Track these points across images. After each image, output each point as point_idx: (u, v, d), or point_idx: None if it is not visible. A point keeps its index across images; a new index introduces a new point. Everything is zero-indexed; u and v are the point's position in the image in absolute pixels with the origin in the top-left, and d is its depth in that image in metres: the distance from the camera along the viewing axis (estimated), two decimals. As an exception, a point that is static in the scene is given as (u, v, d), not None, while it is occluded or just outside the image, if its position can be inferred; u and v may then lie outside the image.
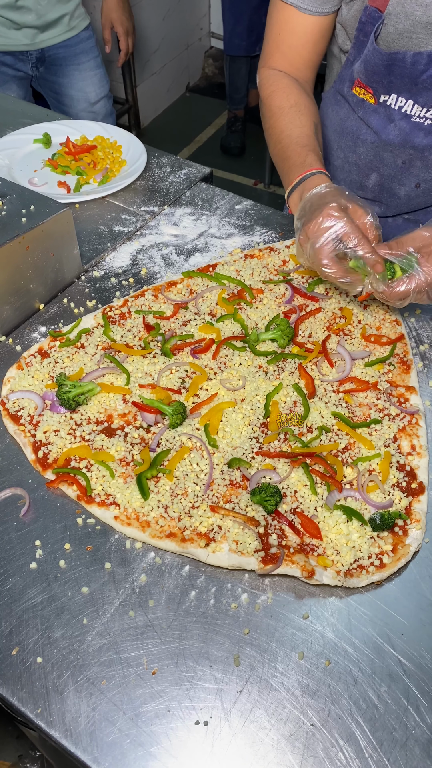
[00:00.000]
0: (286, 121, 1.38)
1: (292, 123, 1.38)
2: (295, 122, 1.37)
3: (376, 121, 1.42)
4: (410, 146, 1.40)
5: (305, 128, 1.36)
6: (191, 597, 0.95)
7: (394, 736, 0.83)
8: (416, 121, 1.36)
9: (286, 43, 1.43)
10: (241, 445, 1.10)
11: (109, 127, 1.81)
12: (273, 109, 1.42)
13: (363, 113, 1.43)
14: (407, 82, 1.30)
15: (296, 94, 1.42)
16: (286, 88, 1.43)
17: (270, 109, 1.43)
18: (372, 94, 1.37)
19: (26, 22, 2.26)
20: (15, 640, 0.90)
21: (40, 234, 1.27)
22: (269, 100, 1.44)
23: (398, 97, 1.34)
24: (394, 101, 1.35)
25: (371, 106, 1.40)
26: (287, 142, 1.36)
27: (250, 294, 1.35)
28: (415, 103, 1.33)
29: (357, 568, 0.96)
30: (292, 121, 1.38)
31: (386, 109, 1.38)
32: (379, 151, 1.46)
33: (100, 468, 1.07)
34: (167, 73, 4.66)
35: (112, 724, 0.84)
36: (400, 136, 1.40)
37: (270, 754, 0.82)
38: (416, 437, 1.12)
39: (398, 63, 1.28)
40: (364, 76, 1.36)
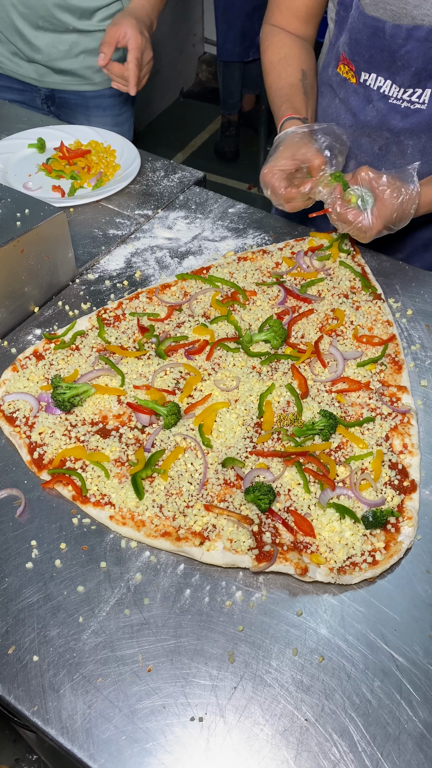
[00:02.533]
0: (275, 76, 1.51)
1: (279, 77, 1.50)
2: (282, 75, 1.49)
3: (356, 102, 1.47)
4: (387, 129, 1.45)
5: (289, 78, 1.48)
6: (186, 595, 0.96)
7: (387, 731, 0.84)
8: (393, 103, 1.41)
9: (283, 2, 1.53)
10: (235, 445, 1.12)
11: (103, 132, 1.82)
12: (265, 64, 1.55)
13: (344, 94, 1.49)
14: (387, 57, 1.35)
15: (287, 46, 1.52)
16: (278, 42, 1.53)
17: (264, 64, 1.56)
18: (354, 73, 1.43)
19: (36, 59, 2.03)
20: (11, 639, 0.91)
21: (34, 237, 1.28)
22: (263, 56, 1.56)
23: (377, 77, 1.39)
24: (373, 81, 1.40)
25: (352, 86, 1.46)
26: (274, 95, 1.50)
27: (243, 296, 1.37)
28: (393, 83, 1.38)
29: (350, 566, 0.97)
30: (279, 74, 1.50)
31: (365, 90, 1.43)
32: (357, 136, 1.51)
33: (95, 468, 1.08)
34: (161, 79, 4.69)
35: (108, 721, 0.85)
36: (377, 117, 1.44)
37: (265, 749, 0.83)
38: (408, 436, 1.14)
39: (379, 33, 1.33)
40: (348, 48, 1.41)
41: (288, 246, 1.51)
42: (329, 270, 1.44)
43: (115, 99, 2.16)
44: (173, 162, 1.78)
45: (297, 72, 1.49)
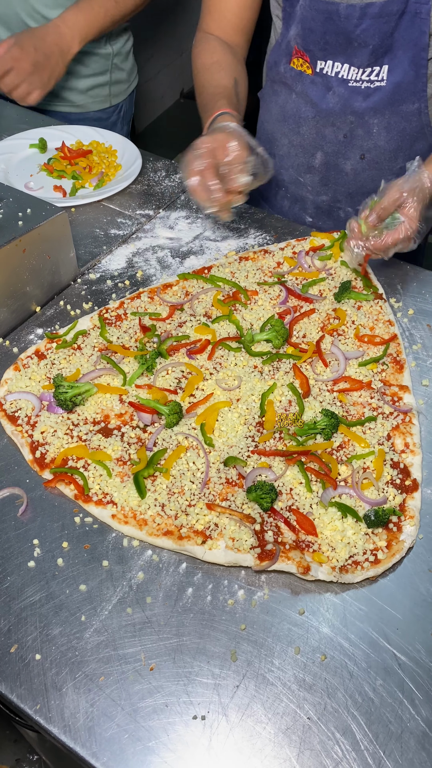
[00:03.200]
0: (207, 77, 1.52)
1: (211, 78, 1.50)
2: (215, 77, 1.50)
3: (315, 92, 1.48)
4: (350, 112, 1.47)
5: (223, 80, 1.49)
6: (188, 594, 0.96)
7: (390, 729, 0.84)
8: (353, 86, 1.43)
9: (217, 9, 1.56)
10: (237, 444, 1.12)
11: (104, 132, 1.83)
12: (198, 67, 1.56)
13: (301, 87, 1.50)
14: (342, 41, 1.37)
15: (219, 53, 1.54)
16: (211, 48, 1.55)
17: (195, 67, 1.57)
18: (309, 64, 1.44)
19: None
20: (14, 638, 0.91)
21: (36, 237, 1.28)
22: (196, 60, 1.57)
23: (334, 63, 1.41)
24: (330, 68, 1.42)
25: (309, 78, 1.47)
26: (204, 94, 1.49)
27: (245, 295, 1.37)
28: (351, 66, 1.40)
29: (352, 564, 0.97)
30: (212, 75, 1.51)
31: (323, 78, 1.45)
32: (320, 127, 1.53)
33: (98, 467, 1.08)
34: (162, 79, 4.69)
35: (110, 720, 0.85)
36: (339, 103, 1.46)
37: (267, 747, 0.83)
38: (410, 435, 1.14)
39: (333, 16, 1.34)
40: (301, 40, 1.42)
41: (289, 246, 1.51)
42: (331, 270, 1.44)
43: (102, 122, 2.13)
44: (174, 162, 1.78)
45: (230, 77, 1.50)
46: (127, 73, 2.16)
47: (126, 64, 2.14)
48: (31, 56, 1.75)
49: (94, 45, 1.96)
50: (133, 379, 1.20)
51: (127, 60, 2.15)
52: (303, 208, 1.70)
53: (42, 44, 1.77)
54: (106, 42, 2.01)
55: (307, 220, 1.71)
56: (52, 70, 1.81)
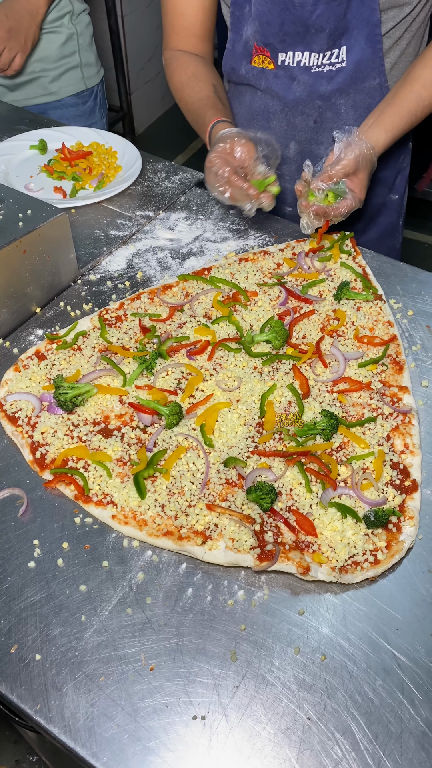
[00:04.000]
0: (188, 92, 1.57)
1: (193, 91, 1.56)
2: (195, 90, 1.56)
3: (280, 85, 1.53)
4: (317, 97, 1.51)
5: (204, 91, 1.54)
6: (188, 594, 0.96)
7: (390, 729, 0.84)
8: (317, 71, 1.48)
9: (179, 24, 1.62)
10: (237, 445, 1.12)
11: (104, 134, 1.83)
12: (176, 85, 1.62)
13: (265, 84, 1.55)
14: (300, 29, 1.41)
15: (193, 65, 1.59)
16: (183, 63, 1.61)
17: (174, 86, 1.63)
18: (270, 59, 1.49)
19: None
20: (14, 638, 0.91)
21: (36, 238, 1.28)
22: (172, 79, 1.63)
23: (294, 53, 1.46)
24: (291, 58, 1.47)
25: (272, 73, 1.52)
26: (192, 109, 1.56)
27: (244, 296, 1.37)
28: (311, 53, 1.45)
29: (352, 565, 0.97)
30: (192, 89, 1.57)
31: (286, 70, 1.50)
32: (290, 117, 1.57)
33: (98, 468, 1.08)
34: (161, 81, 4.69)
35: (110, 720, 0.85)
36: (305, 91, 1.51)
37: (267, 747, 0.83)
38: (409, 436, 1.14)
39: (288, 6, 1.39)
40: (260, 36, 1.47)
41: (289, 247, 1.51)
42: (330, 271, 1.45)
43: (79, 107, 2.22)
44: (174, 163, 1.78)
45: (209, 86, 1.55)
46: (94, 56, 2.24)
47: (92, 48, 2.22)
48: (4, 24, 1.87)
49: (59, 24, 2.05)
50: (132, 380, 1.20)
51: (92, 45, 2.23)
52: (284, 200, 1.73)
53: (10, 11, 1.88)
54: (69, 20, 2.08)
55: (286, 210, 1.75)
56: (26, 33, 1.92)
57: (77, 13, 2.11)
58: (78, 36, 2.12)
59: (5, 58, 1.90)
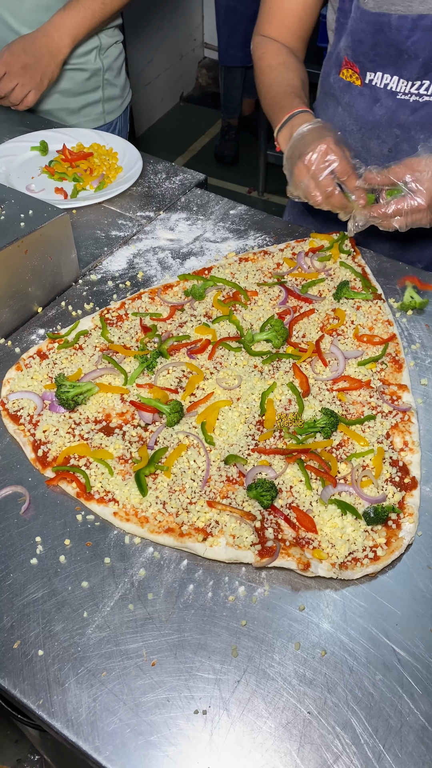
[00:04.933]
0: (275, 75, 1.50)
1: (281, 76, 1.49)
2: (283, 76, 1.49)
3: (362, 103, 1.47)
4: (396, 125, 1.45)
5: (292, 80, 1.48)
6: (189, 590, 0.97)
7: (389, 723, 0.85)
8: (402, 99, 1.41)
9: (277, 15, 1.54)
10: (238, 443, 1.13)
11: (105, 135, 1.84)
12: (263, 67, 1.54)
13: (349, 99, 1.49)
14: (393, 52, 1.35)
15: (285, 54, 1.53)
16: (276, 50, 1.54)
17: (260, 68, 1.55)
18: (358, 75, 1.43)
19: None
20: (17, 634, 0.92)
21: (38, 238, 1.29)
22: (260, 62, 1.56)
23: (383, 74, 1.40)
24: (379, 79, 1.41)
25: (357, 89, 1.46)
26: (275, 92, 1.48)
27: (244, 296, 1.38)
28: (400, 78, 1.39)
29: (352, 561, 0.98)
30: (281, 74, 1.50)
31: (372, 90, 1.44)
32: (365, 140, 1.51)
33: (99, 465, 1.09)
34: (161, 83, 4.71)
35: (112, 714, 0.85)
36: (386, 115, 1.45)
37: (268, 741, 0.84)
38: (408, 434, 1.15)
39: (384, 28, 1.33)
40: (351, 51, 1.41)
41: (289, 247, 1.52)
42: (330, 270, 1.45)
43: None
44: (175, 164, 1.79)
45: (297, 78, 1.49)
46: (120, 89, 2.15)
47: (118, 80, 2.14)
48: (21, 59, 1.80)
49: (84, 60, 1.98)
50: (134, 379, 1.21)
51: (120, 75, 2.14)
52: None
53: (31, 47, 1.81)
54: (97, 56, 2.01)
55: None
56: (43, 71, 1.83)
57: (105, 48, 2.03)
58: (104, 71, 2.05)
59: (17, 94, 1.83)
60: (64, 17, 1.83)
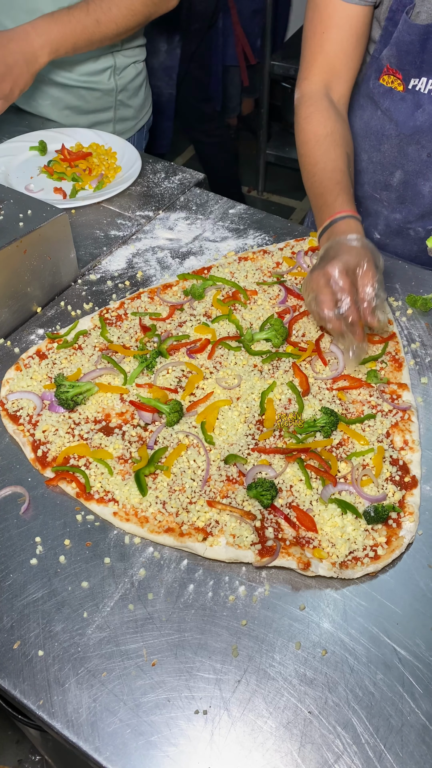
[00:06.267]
0: (321, 152, 1.37)
1: (327, 155, 1.36)
2: (330, 155, 1.36)
3: (403, 109, 1.42)
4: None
5: (339, 162, 1.35)
6: (190, 590, 0.97)
7: (390, 723, 0.85)
8: None
9: (330, 40, 1.40)
10: (237, 442, 1.12)
11: (103, 135, 1.84)
12: (309, 135, 1.41)
13: (389, 104, 1.42)
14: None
15: (333, 120, 1.40)
16: (324, 111, 1.41)
17: (306, 134, 1.42)
18: (401, 81, 1.37)
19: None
20: (16, 634, 0.92)
21: (37, 238, 1.29)
22: (306, 124, 1.42)
23: (429, 80, 1.34)
24: (423, 85, 1.35)
25: (399, 95, 1.40)
26: (321, 177, 1.35)
27: (244, 295, 1.38)
28: None
29: (352, 560, 0.98)
30: (327, 153, 1.36)
31: (414, 95, 1.38)
32: (403, 145, 1.46)
33: (99, 465, 1.09)
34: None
35: (113, 715, 0.85)
36: (428, 121, 1.39)
37: (268, 741, 0.83)
38: (409, 432, 1.14)
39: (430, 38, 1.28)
40: (395, 59, 1.35)
41: (288, 246, 1.52)
42: (329, 269, 1.45)
43: None
44: (174, 164, 1.79)
45: (344, 156, 1.37)
46: (135, 110, 2.03)
47: (134, 101, 2.00)
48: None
49: (96, 80, 1.87)
50: (133, 378, 1.21)
51: (137, 96, 2.00)
52: (374, 224, 1.65)
53: (3, 51, 1.59)
54: (111, 76, 1.89)
55: (375, 236, 1.64)
56: (15, 81, 1.62)
57: (121, 68, 1.90)
58: (117, 92, 1.92)
59: None
60: (50, 23, 1.63)
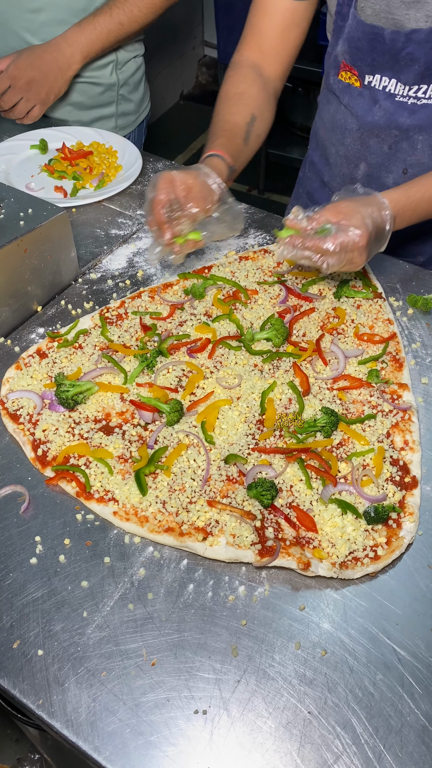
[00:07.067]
0: (225, 107, 1.47)
1: (229, 110, 1.45)
2: (231, 110, 1.45)
3: (361, 104, 1.46)
4: (395, 127, 1.44)
5: (236, 117, 1.43)
6: (189, 590, 0.97)
7: (390, 723, 0.85)
8: (400, 101, 1.40)
9: (260, 27, 1.49)
10: (238, 442, 1.12)
11: (104, 133, 1.84)
12: (221, 94, 1.51)
13: (348, 99, 1.48)
14: (388, 59, 1.34)
15: (247, 83, 1.48)
16: (240, 76, 1.50)
17: (219, 95, 1.51)
18: (357, 77, 1.42)
19: None
20: (16, 634, 0.92)
21: (38, 237, 1.29)
22: (222, 85, 1.52)
23: (382, 77, 1.38)
24: (378, 81, 1.40)
25: (356, 90, 1.45)
26: (214, 128, 1.44)
27: (245, 295, 1.38)
28: (398, 82, 1.37)
29: (352, 560, 0.98)
30: (230, 108, 1.46)
31: (371, 91, 1.43)
32: (365, 138, 1.50)
33: (99, 465, 1.09)
34: (161, 81, 4.70)
35: (112, 714, 0.85)
36: (384, 117, 1.44)
37: (268, 741, 0.83)
38: (409, 433, 1.14)
39: (378, 39, 1.32)
40: (348, 56, 1.40)
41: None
42: (330, 269, 1.45)
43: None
44: (174, 163, 1.79)
45: (247, 114, 1.44)
46: (135, 104, 2.09)
47: (135, 95, 2.07)
48: (27, 73, 1.75)
49: (98, 75, 1.93)
50: (133, 378, 1.21)
51: (137, 90, 2.07)
52: None
53: (39, 61, 1.76)
54: (113, 70, 1.96)
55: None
56: (50, 87, 1.79)
57: (122, 63, 1.97)
58: (119, 86, 1.99)
59: (21, 108, 1.79)
60: (78, 33, 1.79)
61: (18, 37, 1.86)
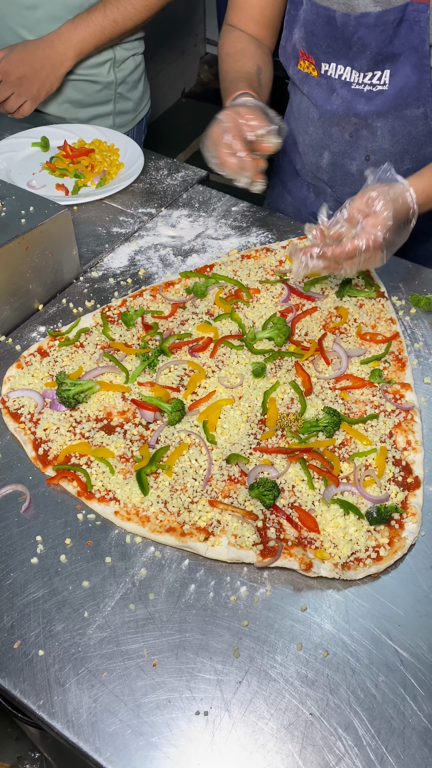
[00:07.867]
0: (230, 63, 1.52)
1: (235, 64, 1.51)
2: (237, 64, 1.51)
3: (319, 93, 1.49)
4: (354, 115, 1.47)
5: (244, 67, 1.49)
6: (191, 590, 0.96)
7: (392, 725, 0.85)
8: (356, 89, 1.43)
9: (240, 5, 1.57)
10: (239, 441, 1.12)
11: (106, 131, 1.83)
12: (222, 56, 1.57)
13: (308, 89, 1.51)
14: (342, 44, 1.38)
15: (244, 42, 1.54)
16: (235, 38, 1.56)
17: (220, 57, 1.58)
18: (314, 66, 1.45)
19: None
20: (17, 634, 0.91)
21: (39, 235, 1.28)
22: (220, 50, 1.58)
23: (337, 65, 1.42)
24: (334, 70, 1.43)
25: (314, 80, 1.48)
26: (228, 79, 1.48)
27: (247, 293, 1.37)
28: (352, 69, 1.41)
29: (354, 561, 0.98)
30: (235, 62, 1.51)
31: (328, 80, 1.46)
32: (326, 127, 1.53)
33: (100, 464, 1.08)
34: (163, 79, 4.69)
35: (113, 715, 0.85)
36: (342, 105, 1.46)
37: (269, 742, 0.83)
38: (411, 433, 1.14)
39: (331, 21, 1.36)
40: (305, 43, 1.44)
41: (291, 244, 1.51)
42: (332, 268, 1.44)
43: None
44: (176, 161, 1.78)
45: (253, 64, 1.49)
46: (134, 102, 2.06)
47: (133, 93, 2.05)
48: (19, 69, 1.74)
49: (96, 72, 1.91)
50: (135, 377, 1.21)
51: (136, 88, 2.05)
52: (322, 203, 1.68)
53: (31, 57, 1.75)
54: (111, 69, 1.94)
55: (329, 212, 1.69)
56: (41, 83, 1.77)
57: (121, 61, 1.94)
58: (117, 85, 1.97)
59: (12, 104, 1.77)
60: (71, 30, 1.77)
61: (14, 33, 1.85)
